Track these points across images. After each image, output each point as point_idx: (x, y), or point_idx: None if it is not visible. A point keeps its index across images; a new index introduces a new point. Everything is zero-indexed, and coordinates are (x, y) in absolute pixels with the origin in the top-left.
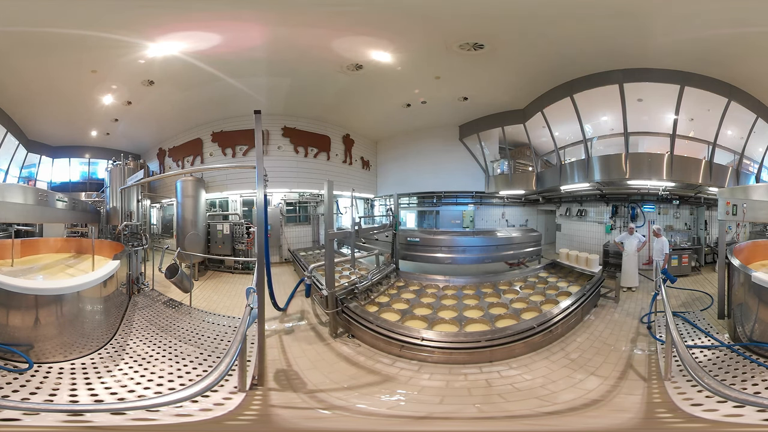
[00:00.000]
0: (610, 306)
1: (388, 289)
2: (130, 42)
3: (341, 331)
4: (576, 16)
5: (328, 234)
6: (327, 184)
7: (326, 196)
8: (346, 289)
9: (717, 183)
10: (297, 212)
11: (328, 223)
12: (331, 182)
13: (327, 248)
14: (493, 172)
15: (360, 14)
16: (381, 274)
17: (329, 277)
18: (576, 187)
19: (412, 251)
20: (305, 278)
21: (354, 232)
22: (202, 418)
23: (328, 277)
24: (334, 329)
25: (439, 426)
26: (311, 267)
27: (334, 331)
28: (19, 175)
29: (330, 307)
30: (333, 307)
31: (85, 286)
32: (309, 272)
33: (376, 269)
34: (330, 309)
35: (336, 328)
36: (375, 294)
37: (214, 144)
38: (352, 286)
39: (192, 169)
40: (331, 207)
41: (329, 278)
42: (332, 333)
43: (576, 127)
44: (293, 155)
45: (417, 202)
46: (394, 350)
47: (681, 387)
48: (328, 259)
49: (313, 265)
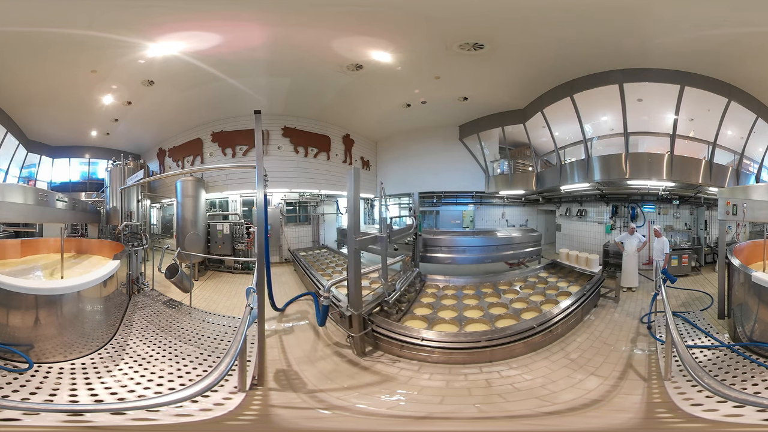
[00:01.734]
0: (610, 306)
1: (420, 296)
2: (130, 42)
3: (370, 349)
4: (576, 16)
5: (355, 241)
6: (353, 172)
7: (351, 191)
8: (372, 303)
9: (717, 183)
10: (297, 212)
11: (352, 228)
12: (357, 170)
13: (351, 259)
14: (493, 172)
15: (360, 14)
16: (406, 280)
17: (355, 296)
18: (576, 187)
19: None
20: (321, 298)
21: (386, 236)
22: (202, 418)
23: (353, 295)
24: (362, 350)
25: (439, 426)
26: (329, 284)
27: (361, 351)
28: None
29: (357, 330)
30: (360, 329)
31: (85, 286)
32: (326, 290)
33: (397, 275)
34: (357, 332)
35: (364, 348)
36: (405, 304)
37: (214, 144)
38: (378, 299)
39: (192, 169)
40: (356, 206)
41: (355, 297)
42: (360, 353)
43: (576, 127)
44: (293, 155)
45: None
46: (394, 350)
47: (681, 387)
48: (352, 272)
49: (331, 282)
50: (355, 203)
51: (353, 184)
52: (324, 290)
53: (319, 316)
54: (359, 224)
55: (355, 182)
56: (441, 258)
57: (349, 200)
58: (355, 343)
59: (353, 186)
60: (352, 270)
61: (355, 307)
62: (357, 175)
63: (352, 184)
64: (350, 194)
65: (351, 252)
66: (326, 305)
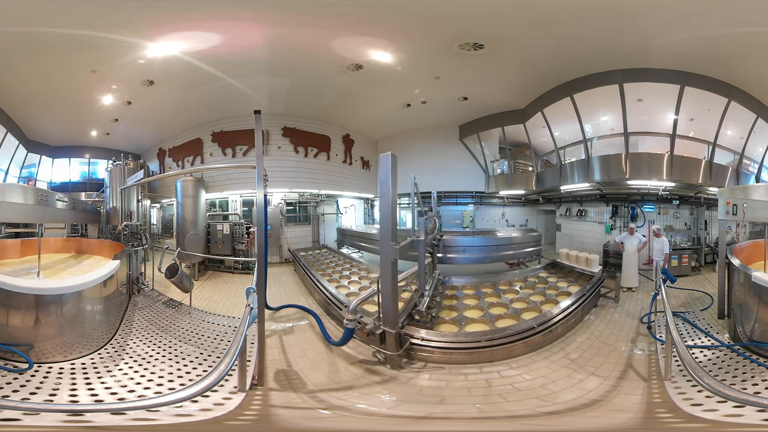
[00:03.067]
0: (610, 306)
1: (447, 299)
2: (130, 42)
3: (406, 361)
4: (576, 16)
5: (394, 249)
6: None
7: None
8: (404, 315)
9: (717, 183)
10: (297, 212)
11: (388, 232)
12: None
13: (387, 271)
14: (493, 172)
15: (360, 14)
16: (432, 285)
17: (391, 313)
18: (576, 187)
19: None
20: (345, 321)
21: (423, 240)
22: (202, 418)
23: (388, 312)
24: (398, 364)
25: (439, 426)
26: (355, 304)
27: (398, 365)
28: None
29: (394, 348)
30: (397, 347)
31: (85, 286)
32: (351, 311)
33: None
34: (394, 350)
35: (400, 361)
36: (435, 309)
37: (214, 144)
38: (407, 309)
39: (192, 169)
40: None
41: (391, 313)
42: (397, 367)
43: (576, 127)
44: (293, 155)
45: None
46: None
47: (681, 387)
48: (388, 285)
49: (357, 301)
50: (393, 199)
51: (389, 172)
52: (349, 311)
53: (326, 333)
54: (396, 226)
55: (391, 171)
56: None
57: (384, 195)
58: (392, 361)
59: (389, 175)
60: (387, 283)
61: (391, 324)
62: (393, 163)
63: (388, 173)
64: (384, 187)
65: (386, 262)
66: (351, 328)
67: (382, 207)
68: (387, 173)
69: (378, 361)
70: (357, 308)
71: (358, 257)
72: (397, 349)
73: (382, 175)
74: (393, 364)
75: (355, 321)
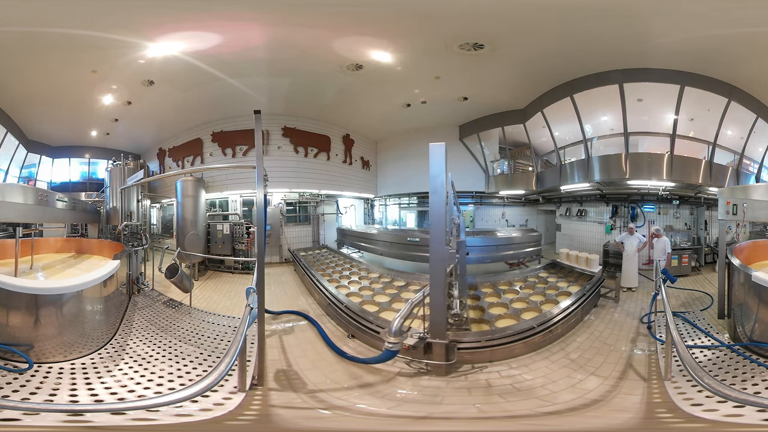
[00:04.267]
0: (610, 306)
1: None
2: (130, 42)
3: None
4: (576, 16)
5: (449, 254)
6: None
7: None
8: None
9: (717, 183)
10: (297, 212)
11: (440, 235)
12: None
13: (440, 277)
14: (493, 172)
15: (360, 14)
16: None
17: (440, 323)
18: (576, 187)
19: (412, 251)
20: (389, 345)
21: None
22: (202, 418)
23: (437, 321)
24: (447, 372)
25: (439, 426)
26: (397, 326)
27: (447, 373)
28: (19, 175)
29: (442, 357)
30: (447, 357)
31: (85, 286)
32: (394, 333)
33: None
34: (443, 360)
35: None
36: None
37: (214, 144)
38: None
39: (192, 169)
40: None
41: (440, 323)
42: (443, 374)
43: (576, 127)
44: (293, 155)
45: (417, 202)
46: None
47: (681, 387)
48: (440, 293)
49: (399, 322)
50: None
51: (442, 165)
52: (392, 333)
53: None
54: (444, 227)
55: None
56: None
57: (435, 192)
58: (438, 370)
59: (442, 169)
60: (439, 292)
61: (441, 335)
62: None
63: (441, 166)
64: (436, 182)
65: (439, 269)
66: (395, 351)
67: (434, 205)
68: (440, 166)
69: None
70: (401, 329)
71: (358, 257)
72: (445, 358)
73: (434, 168)
74: (439, 373)
75: (400, 344)
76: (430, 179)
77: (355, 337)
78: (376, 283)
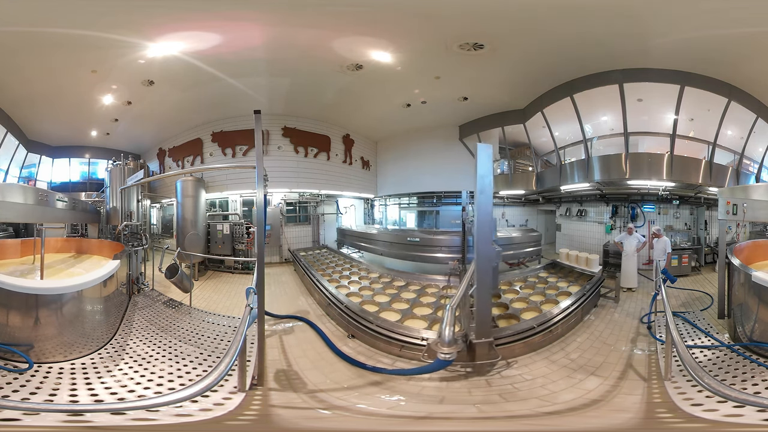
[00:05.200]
0: (610, 306)
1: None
2: (130, 42)
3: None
4: (576, 16)
5: (497, 253)
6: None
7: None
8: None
9: (717, 183)
10: (297, 212)
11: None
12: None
13: (487, 275)
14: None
15: (360, 14)
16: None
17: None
18: (576, 187)
19: (412, 251)
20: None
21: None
22: (201, 418)
23: (482, 320)
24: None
25: (439, 426)
26: (449, 333)
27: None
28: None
29: (485, 357)
30: (491, 355)
31: (85, 286)
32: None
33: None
34: (485, 359)
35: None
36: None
37: (214, 144)
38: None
39: (192, 169)
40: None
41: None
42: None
43: (576, 127)
44: (293, 155)
45: (417, 202)
46: (394, 350)
47: (681, 387)
48: (486, 291)
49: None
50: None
51: (490, 165)
52: (446, 341)
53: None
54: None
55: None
56: (441, 258)
57: (483, 191)
58: (480, 369)
59: (490, 169)
60: (486, 291)
61: (486, 334)
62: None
63: (489, 167)
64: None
65: (486, 268)
66: (450, 361)
67: (481, 204)
68: (487, 167)
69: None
70: (455, 337)
71: (358, 257)
72: (491, 356)
73: (482, 168)
74: (481, 372)
75: (455, 352)
76: (478, 179)
77: (355, 337)
78: (376, 283)
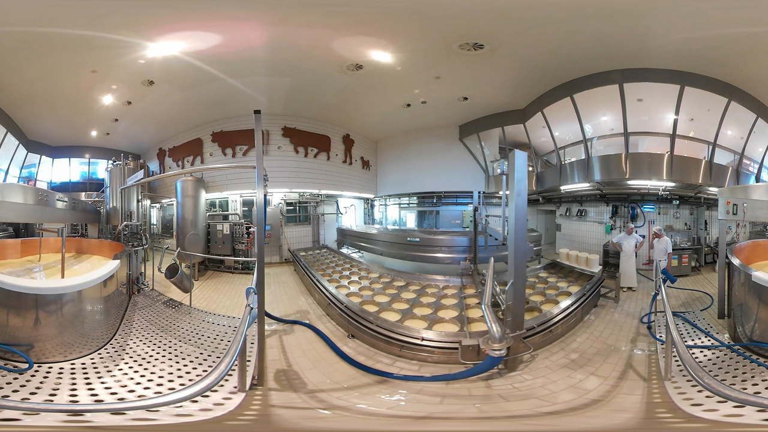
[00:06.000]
0: (610, 306)
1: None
2: (130, 42)
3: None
4: (576, 16)
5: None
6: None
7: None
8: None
9: (717, 183)
10: (297, 212)
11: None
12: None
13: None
14: (493, 172)
15: (360, 14)
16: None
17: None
18: (576, 187)
19: (412, 251)
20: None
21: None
22: (202, 418)
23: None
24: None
25: (439, 426)
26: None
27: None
28: (19, 175)
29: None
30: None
31: (85, 286)
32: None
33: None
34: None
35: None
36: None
37: (214, 144)
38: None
39: (192, 169)
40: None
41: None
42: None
43: (576, 127)
44: (293, 155)
45: (417, 202)
46: (394, 350)
47: (681, 387)
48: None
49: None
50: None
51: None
52: (498, 339)
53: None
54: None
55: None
56: (441, 258)
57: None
58: (511, 364)
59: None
60: (521, 286)
61: (519, 326)
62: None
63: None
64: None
65: (521, 264)
66: (500, 358)
67: (518, 206)
68: (523, 171)
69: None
70: (504, 334)
71: (358, 257)
72: (521, 350)
73: (519, 172)
74: (513, 367)
75: (505, 348)
76: (515, 183)
77: (354, 337)
78: (376, 283)
